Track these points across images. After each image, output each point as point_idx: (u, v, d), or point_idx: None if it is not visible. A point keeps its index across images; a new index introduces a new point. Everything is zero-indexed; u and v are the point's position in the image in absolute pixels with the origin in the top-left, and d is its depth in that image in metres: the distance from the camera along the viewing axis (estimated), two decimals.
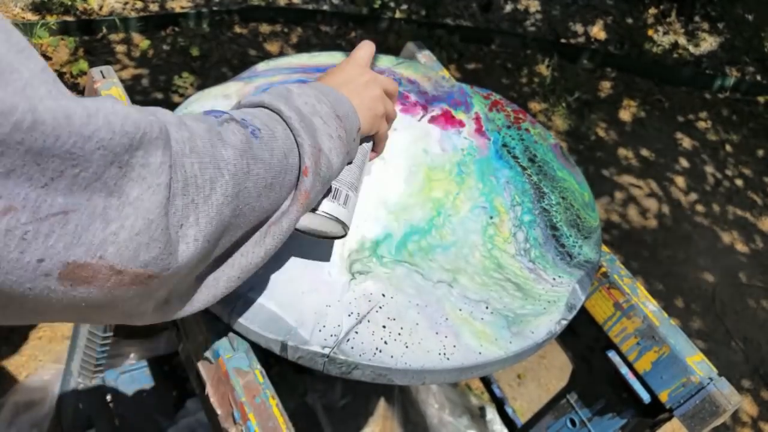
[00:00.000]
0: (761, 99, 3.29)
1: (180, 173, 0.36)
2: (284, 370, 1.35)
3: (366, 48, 0.65)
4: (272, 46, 2.88)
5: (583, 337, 0.83)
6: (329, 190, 0.56)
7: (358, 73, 0.61)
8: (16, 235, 0.28)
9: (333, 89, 0.55)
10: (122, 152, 0.31)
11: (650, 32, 3.47)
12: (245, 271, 0.46)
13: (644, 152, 2.84)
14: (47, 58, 2.53)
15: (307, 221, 0.57)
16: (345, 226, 0.58)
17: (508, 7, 3.44)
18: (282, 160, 0.45)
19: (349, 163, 0.59)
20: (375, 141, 0.65)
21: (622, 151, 2.82)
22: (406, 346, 0.60)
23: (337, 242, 0.66)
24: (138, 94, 2.50)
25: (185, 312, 0.44)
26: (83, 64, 2.44)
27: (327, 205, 0.56)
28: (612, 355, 0.78)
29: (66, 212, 0.29)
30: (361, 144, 0.61)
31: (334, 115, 0.52)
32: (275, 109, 0.48)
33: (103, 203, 0.31)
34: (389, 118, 0.65)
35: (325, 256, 0.65)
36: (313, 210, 0.55)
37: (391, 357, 0.59)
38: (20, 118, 0.26)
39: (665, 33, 3.51)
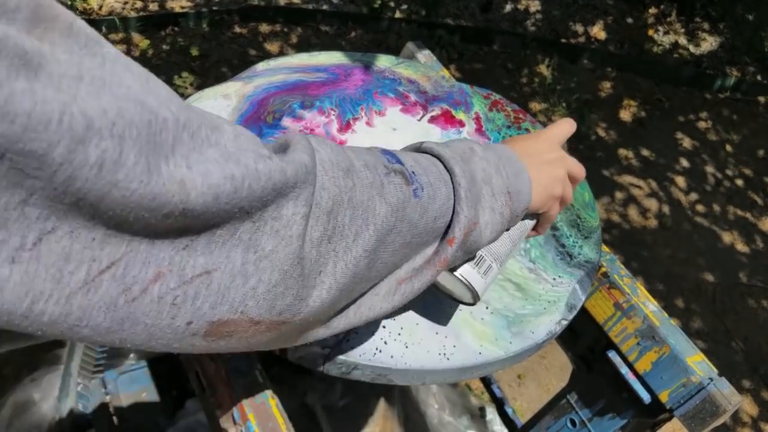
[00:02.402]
0: (761, 99, 3.29)
1: (332, 222, 0.36)
2: (284, 370, 1.35)
3: (563, 126, 0.61)
4: (272, 46, 2.88)
5: (583, 337, 0.82)
6: (474, 255, 0.52)
7: (546, 148, 0.57)
8: (167, 301, 0.28)
9: (516, 158, 0.52)
10: (256, 210, 0.31)
11: (650, 32, 3.47)
12: (368, 321, 0.45)
13: (644, 152, 2.84)
14: None
15: (440, 277, 0.53)
16: (476, 296, 0.53)
17: (508, 7, 3.44)
18: (429, 223, 0.43)
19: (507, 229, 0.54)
20: (540, 220, 0.59)
21: (622, 151, 2.82)
22: (406, 346, 0.60)
23: None
24: None
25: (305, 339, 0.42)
26: None
27: (467, 270, 0.52)
28: (612, 355, 0.77)
29: (209, 272, 0.30)
30: (524, 219, 0.57)
31: (506, 191, 0.49)
32: (449, 168, 0.46)
33: (241, 259, 0.31)
34: (564, 202, 0.60)
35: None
36: (451, 270, 0.52)
37: (391, 357, 0.59)
38: (172, 210, 0.26)
39: (665, 33, 3.51)
